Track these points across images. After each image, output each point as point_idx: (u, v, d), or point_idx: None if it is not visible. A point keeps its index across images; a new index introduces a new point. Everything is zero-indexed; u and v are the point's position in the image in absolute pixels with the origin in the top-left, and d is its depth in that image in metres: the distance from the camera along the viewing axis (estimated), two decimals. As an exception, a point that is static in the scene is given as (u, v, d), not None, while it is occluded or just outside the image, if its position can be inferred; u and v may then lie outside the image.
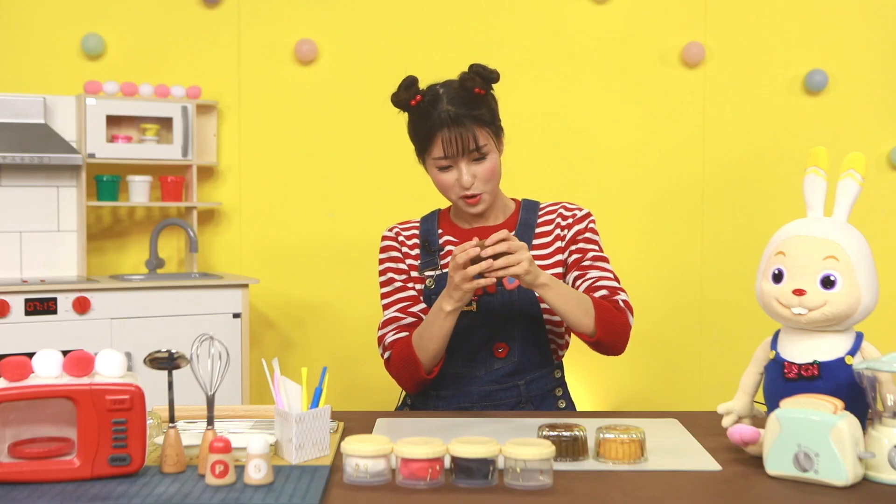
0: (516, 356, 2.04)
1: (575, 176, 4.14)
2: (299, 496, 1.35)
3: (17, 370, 1.44)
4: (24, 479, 1.42)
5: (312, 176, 4.06)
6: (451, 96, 1.98)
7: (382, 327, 2.07)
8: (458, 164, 1.98)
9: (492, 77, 2.01)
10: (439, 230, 2.12)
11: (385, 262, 2.12)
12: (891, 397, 1.46)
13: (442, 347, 1.95)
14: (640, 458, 1.55)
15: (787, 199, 3.80)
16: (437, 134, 1.96)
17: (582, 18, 4.14)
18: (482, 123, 1.98)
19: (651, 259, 4.18)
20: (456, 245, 2.06)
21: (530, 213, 2.11)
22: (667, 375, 4.19)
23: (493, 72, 2.01)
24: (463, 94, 1.98)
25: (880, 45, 4.18)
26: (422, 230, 2.13)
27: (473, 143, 1.96)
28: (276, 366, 1.59)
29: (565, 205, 2.13)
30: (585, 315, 1.90)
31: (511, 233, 1.97)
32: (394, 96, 2.03)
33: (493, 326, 2.03)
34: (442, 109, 1.96)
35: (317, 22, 4.04)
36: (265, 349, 3.96)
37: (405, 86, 2.02)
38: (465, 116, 1.95)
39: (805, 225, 1.60)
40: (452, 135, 1.95)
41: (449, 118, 1.95)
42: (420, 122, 2.00)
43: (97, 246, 3.88)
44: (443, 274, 2.05)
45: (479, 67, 2.00)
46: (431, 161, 2.01)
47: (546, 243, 2.08)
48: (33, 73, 3.82)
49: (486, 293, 2.02)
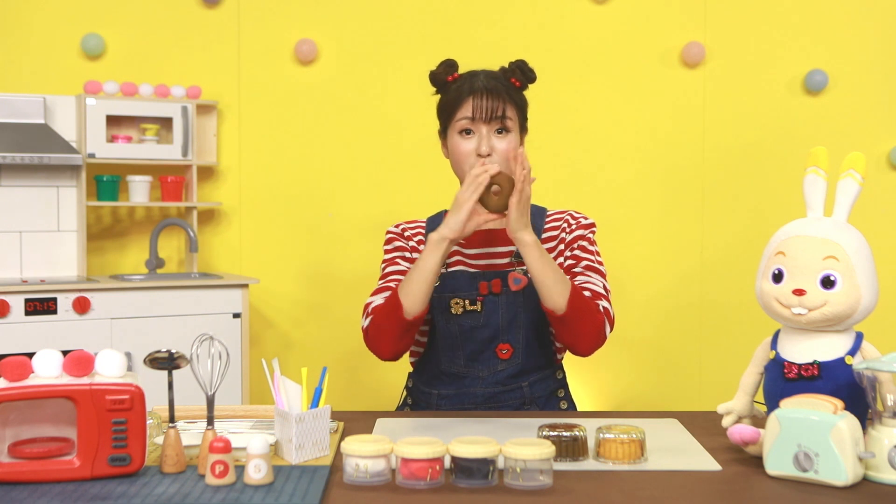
0: (520, 357, 2.04)
1: (575, 176, 4.14)
2: (299, 496, 1.35)
3: (17, 370, 1.44)
4: (24, 479, 1.42)
5: (312, 176, 4.06)
6: (488, 74, 2.03)
7: (370, 297, 2.03)
8: (480, 129, 1.97)
9: (530, 75, 2.06)
10: None
11: (392, 253, 2.10)
12: (891, 397, 1.46)
13: (426, 288, 1.88)
14: (640, 458, 1.55)
15: (787, 199, 3.80)
16: (468, 98, 1.98)
17: (582, 18, 4.14)
18: (514, 103, 2.01)
19: (651, 259, 4.18)
20: (463, 246, 2.07)
21: (538, 218, 2.10)
22: (667, 375, 4.19)
23: (531, 71, 2.06)
24: (500, 77, 2.03)
25: (880, 45, 4.18)
26: (428, 230, 2.12)
27: (501, 110, 1.98)
28: (276, 366, 1.59)
29: (572, 213, 2.13)
30: (561, 287, 1.85)
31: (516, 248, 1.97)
32: (432, 73, 2.06)
33: (497, 327, 2.02)
34: (478, 80, 2.01)
35: (317, 22, 4.04)
36: (265, 349, 3.96)
37: (445, 64, 2.06)
38: (501, 89, 1.99)
39: (805, 225, 1.60)
40: (483, 99, 1.97)
41: (484, 86, 1.98)
42: (453, 93, 2.02)
43: (97, 246, 3.88)
44: (448, 272, 2.04)
45: (520, 62, 2.06)
46: (454, 126, 2.00)
47: (551, 248, 2.08)
48: (33, 73, 3.82)
49: (491, 293, 2.01)
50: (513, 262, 2.04)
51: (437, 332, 2.06)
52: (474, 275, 2.04)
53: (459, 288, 2.03)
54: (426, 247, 1.90)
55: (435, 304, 2.03)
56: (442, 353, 2.06)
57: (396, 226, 2.15)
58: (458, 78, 2.04)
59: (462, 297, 2.02)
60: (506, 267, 2.04)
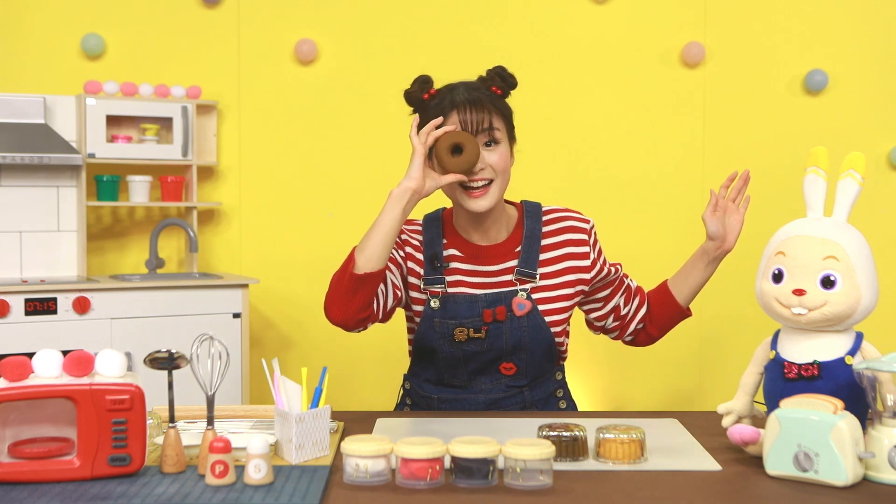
0: (524, 373, 2.02)
1: (574, 176, 4.14)
2: (299, 496, 1.35)
3: (17, 370, 1.44)
4: (24, 479, 1.42)
5: (312, 176, 4.06)
6: (468, 86, 1.96)
7: None
8: None
9: (510, 81, 1.99)
10: (444, 240, 2.04)
11: None
12: (891, 397, 1.46)
13: (383, 243, 1.84)
14: (640, 458, 1.55)
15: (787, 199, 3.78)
16: (451, 112, 1.92)
17: (582, 18, 4.14)
18: (499, 112, 1.95)
19: (650, 259, 4.17)
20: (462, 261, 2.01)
21: (534, 220, 2.05)
22: (667, 375, 4.19)
23: (511, 76, 1.99)
24: (481, 87, 1.96)
25: (880, 45, 4.18)
26: (426, 238, 2.04)
27: (488, 122, 1.92)
28: (276, 366, 1.59)
29: (572, 216, 2.07)
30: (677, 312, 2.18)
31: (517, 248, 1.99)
32: (406, 92, 2.00)
33: (501, 350, 1.99)
34: (458, 93, 1.94)
35: (317, 22, 4.04)
36: (265, 349, 3.96)
37: (419, 81, 1.99)
38: (483, 98, 1.93)
39: (805, 225, 1.60)
40: (468, 113, 1.91)
41: (466, 99, 1.92)
42: (433, 111, 1.94)
43: (97, 246, 3.88)
44: (449, 296, 1.99)
45: (499, 69, 1.99)
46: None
47: (554, 258, 2.02)
48: (33, 73, 3.81)
49: (495, 321, 1.97)
50: (514, 282, 1.99)
51: (438, 354, 2.02)
52: (476, 299, 1.98)
53: (462, 314, 1.97)
54: (388, 201, 1.85)
55: (437, 331, 1.99)
56: (444, 370, 2.03)
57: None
58: (435, 94, 1.97)
59: (466, 326, 1.97)
60: (508, 286, 2.00)
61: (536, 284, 2.00)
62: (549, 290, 2.01)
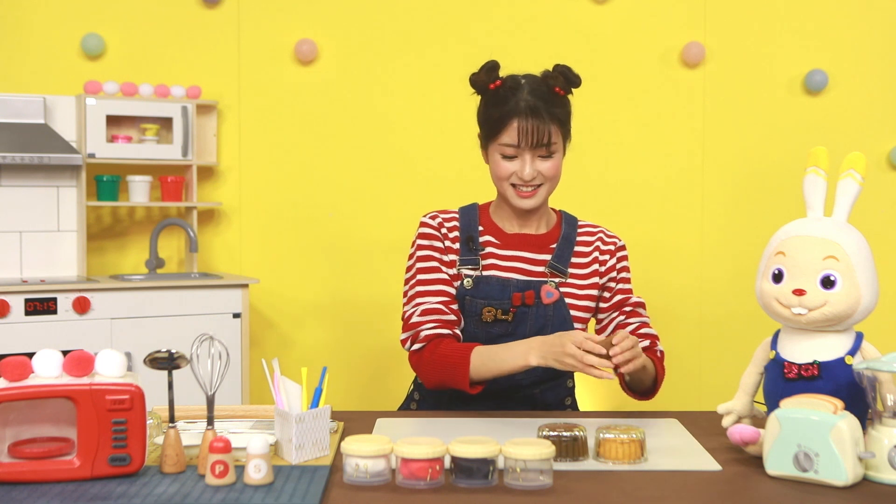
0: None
1: (574, 176, 4.11)
2: (299, 496, 1.35)
3: (17, 370, 1.44)
4: (24, 479, 1.42)
5: (312, 176, 4.06)
6: (532, 88, 1.99)
7: (420, 315, 1.99)
8: (524, 155, 1.97)
9: (575, 81, 2.04)
10: (480, 227, 2.08)
11: (427, 249, 2.04)
12: (891, 397, 1.46)
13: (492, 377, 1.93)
14: (640, 458, 1.55)
15: (787, 199, 3.79)
16: (512, 120, 1.95)
17: (582, 18, 4.14)
18: (558, 122, 1.99)
19: (650, 259, 4.17)
20: (497, 247, 2.04)
21: (571, 228, 2.11)
22: (667, 375, 4.18)
23: (576, 76, 2.04)
24: (544, 89, 1.99)
25: (880, 45, 4.18)
26: (462, 224, 2.07)
27: (546, 138, 1.96)
28: (276, 366, 1.59)
29: (605, 231, 2.14)
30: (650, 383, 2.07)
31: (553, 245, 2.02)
32: (473, 76, 2.02)
33: (523, 337, 2.00)
34: (521, 98, 1.96)
35: (317, 22, 4.04)
36: (265, 349, 3.96)
37: (487, 68, 2.02)
38: (544, 110, 1.96)
39: (805, 225, 1.60)
40: (528, 125, 1.95)
41: (528, 108, 1.95)
42: (495, 107, 1.98)
43: (97, 246, 3.88)
44: (482, 276, 2.02)
45: (564, 68, 2.03)
46: (497, 147, 1.99)
47: (584, 263, 2.08)
48: (33, 73, 3.81)
49: (524, 304, 2.00)
50: (546, 273, 2.04)
51: (462, 334, 2.03)
52: (508, 282, 2.01)
53: (493, 296, 2.01)
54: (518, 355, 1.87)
55: (466, 309, 2.02)
56: None
57: (433, 217, 2.09)
58: (500, 85, 2.00)
59: (495, 307, 2.00)
60: (539, 276, 2.04)
61: (566, 281, 2.05)
62: (577, 289, 2.06)
